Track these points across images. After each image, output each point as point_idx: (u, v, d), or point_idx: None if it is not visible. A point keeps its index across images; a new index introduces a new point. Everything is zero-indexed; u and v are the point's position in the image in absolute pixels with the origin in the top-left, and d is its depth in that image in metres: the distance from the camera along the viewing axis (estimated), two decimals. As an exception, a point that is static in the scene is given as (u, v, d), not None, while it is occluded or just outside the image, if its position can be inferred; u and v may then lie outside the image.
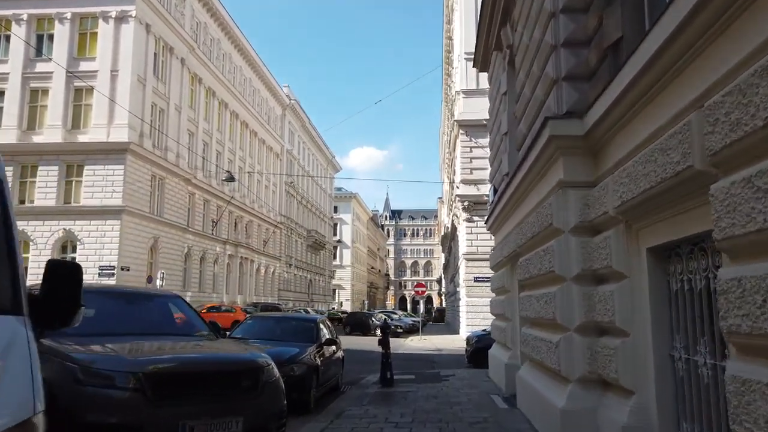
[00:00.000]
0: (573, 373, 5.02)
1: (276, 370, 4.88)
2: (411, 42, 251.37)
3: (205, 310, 30.56)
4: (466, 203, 27.24)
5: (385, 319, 25.52)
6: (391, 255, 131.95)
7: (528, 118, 6.91)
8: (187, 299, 32.61)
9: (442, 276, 75.37)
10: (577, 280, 5.09)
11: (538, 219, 5.96)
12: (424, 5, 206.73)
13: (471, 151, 27.74)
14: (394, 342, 26.84)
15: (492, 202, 10.60)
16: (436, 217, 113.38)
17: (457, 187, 28.56)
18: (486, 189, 27.27)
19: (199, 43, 38.72)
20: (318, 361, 8.10)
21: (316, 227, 70.36)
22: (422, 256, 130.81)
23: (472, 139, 27.72)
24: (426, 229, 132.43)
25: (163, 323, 5.34)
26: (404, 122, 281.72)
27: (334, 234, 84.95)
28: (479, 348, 14.33)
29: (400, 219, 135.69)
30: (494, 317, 11.12)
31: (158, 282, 28.52)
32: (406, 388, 9.93)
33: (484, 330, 15.94)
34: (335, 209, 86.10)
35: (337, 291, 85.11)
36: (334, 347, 9.53)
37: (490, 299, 11.81)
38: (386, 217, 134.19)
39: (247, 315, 17.21)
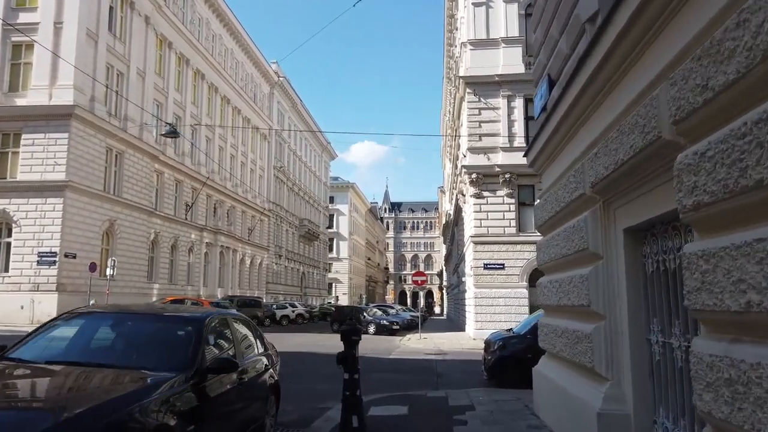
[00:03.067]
0: None
1: None
2: (410, 34, 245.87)
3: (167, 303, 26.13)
4: (474, 176, 22.66)
5: (350, 318, 16.96)
6: (391, 248, 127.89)
7: None
8: (154, 292, 27.46)
9: (443, 268, 71.10)
10: None
11: None
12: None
13: (480, 114, 23.13)
14: (387, 342, 22.48)
15: (545, 106, 6.01)
16: (436, 209, 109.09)
17: (464, 156, 23.93)
18: (498, 158, 22.66)
19: (168, 1, 34.01)
20: (171, 418, 3.42)
21: (309, 216, 65.76)
22: (422, 249, 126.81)
23: (481, 100, 23.11)
24: (426, 222, 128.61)
25: None
26: (405, 118, 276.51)
27: (330, 225, 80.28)
28: (504, 357, 9.91)
29: (400, 211, 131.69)
30: (545, 311, 6.53)
31: (109, 271, 23.97)
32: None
33: (509, 330, 11.38)
34: (331, 199, 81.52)
35: (333, 285, 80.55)
36: (249, 374, 4.87)
37: (536, 283, 7.19)
38: (385, 209, 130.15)
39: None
